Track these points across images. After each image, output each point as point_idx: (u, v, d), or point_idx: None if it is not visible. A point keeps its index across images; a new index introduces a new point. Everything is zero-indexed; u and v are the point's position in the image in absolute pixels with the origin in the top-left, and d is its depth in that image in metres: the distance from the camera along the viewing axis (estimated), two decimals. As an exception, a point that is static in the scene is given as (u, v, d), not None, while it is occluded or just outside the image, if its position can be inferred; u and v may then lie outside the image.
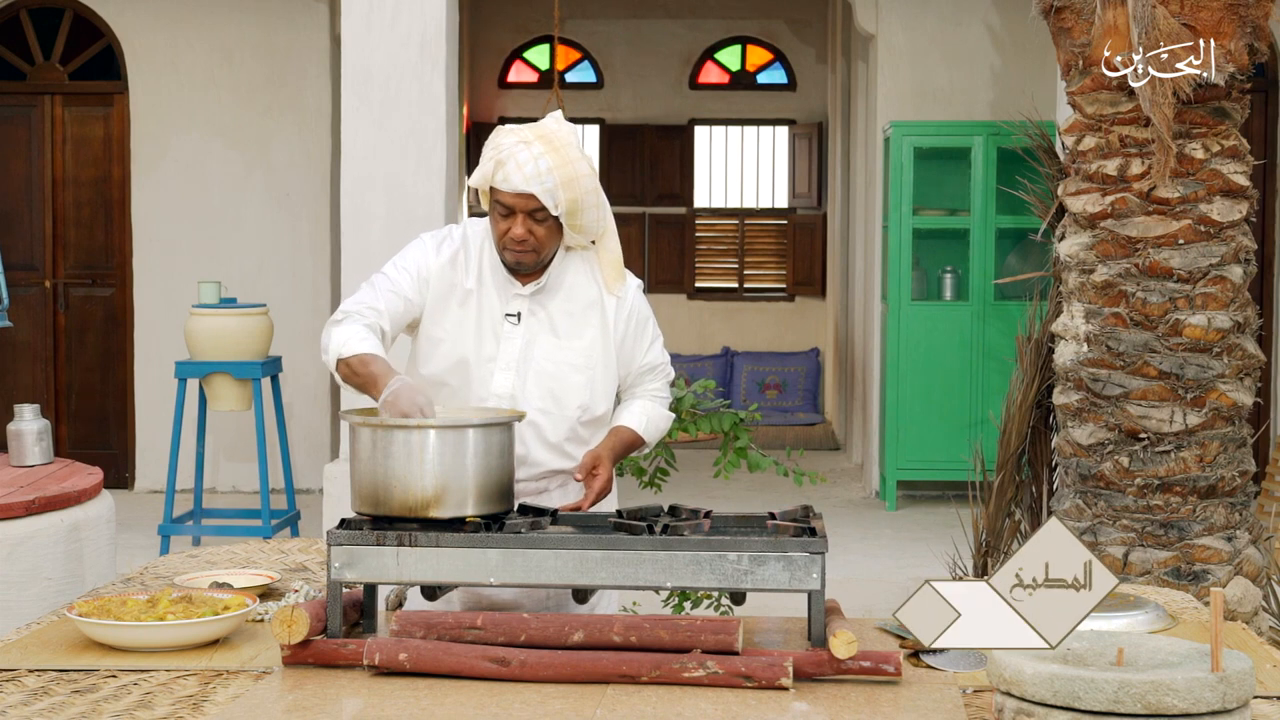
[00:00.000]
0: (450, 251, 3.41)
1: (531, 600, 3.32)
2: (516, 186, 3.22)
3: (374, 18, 6.58)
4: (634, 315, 3.43)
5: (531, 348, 3.37)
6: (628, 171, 13.51)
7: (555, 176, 3.22)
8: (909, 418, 9.08)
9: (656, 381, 3.51)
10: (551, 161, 3.22)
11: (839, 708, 2.50)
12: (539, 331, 3.37)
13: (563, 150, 3.24)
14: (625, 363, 3.44)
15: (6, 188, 9.82)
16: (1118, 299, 5.15)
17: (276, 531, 7.95)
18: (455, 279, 3.40)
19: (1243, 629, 3.02)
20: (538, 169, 3.21)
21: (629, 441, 3.44)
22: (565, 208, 3.25)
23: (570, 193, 3.23)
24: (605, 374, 3.40)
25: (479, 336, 3.37)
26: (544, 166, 3.21)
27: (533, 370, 3.36)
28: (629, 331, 3.43)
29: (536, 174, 3.21)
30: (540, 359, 3.37)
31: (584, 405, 3.37)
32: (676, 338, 13.54)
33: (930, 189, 9.17)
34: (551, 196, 3.23)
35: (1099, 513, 5.18)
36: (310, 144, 9.64)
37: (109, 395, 9.91)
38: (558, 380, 3.36)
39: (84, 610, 2.88)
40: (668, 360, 3.54)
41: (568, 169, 3.23)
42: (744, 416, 5.46)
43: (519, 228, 3.26)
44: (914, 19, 9.40)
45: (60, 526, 4.58)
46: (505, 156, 3.23)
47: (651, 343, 3.48)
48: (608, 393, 3.43)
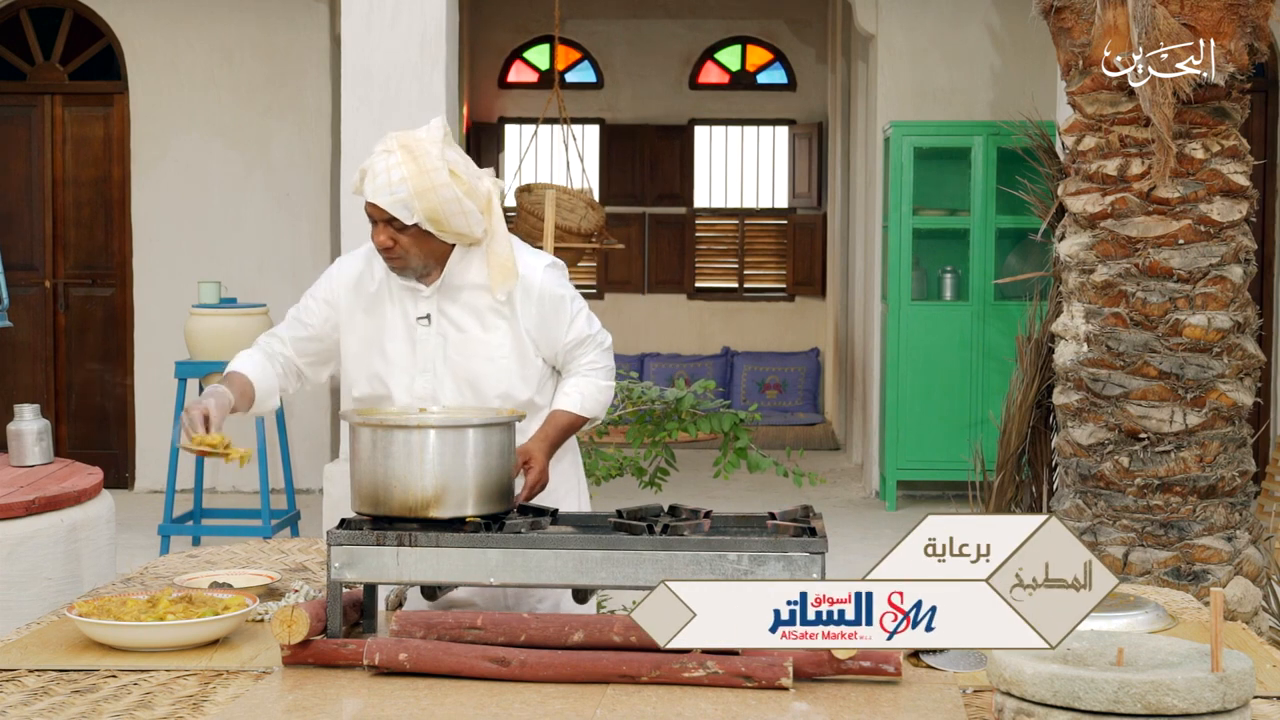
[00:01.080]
0: (356, 266, 3.50)
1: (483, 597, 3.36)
2: (369, 197, 3.28)
3: (374, 18, 6.58)
4: (544, 297, 3.44)
5: (445, 346, 3.42)
6: (627, 171, 13.51)
7: (408, 187, 3.24)
8: (909, 418, 9.08)
9: (590, 354, 3.51)
10: (406, 171, 3.24)
11: (839, 708, 2.50)
12: (450, 329, 3.42)
13: (421, 159, 3.26)
14: (549, 344, 3.46)
15: (6, 188, 9.82)
16: (1118, 299, 5.15)
17: (276, 531, 7.95)
18: (363, 291, 3.47)
19: (1243, 629, 3.02)
20: (389, 180, 3.25)
21: (565, 425, 3.46)
22: (424, 216, 3.27)
23: (426, 202, 3.25)
24: (522, 361, 3.43)
25: (393, 342, 3.44)
26: (397, 177, 3.24)
27: (449, 368, 3.41)
28: (543, 314, 3.44)
29: (388, 185, 3.25)
30: (454, 355, 3.42)
31: (503, 395, 3.40)
32: (676, 338, 13.55)
33: (930, 189, 9.17)
34: (405, 207, 3.26)
35: (1099, 513, 5.18)
36: (310, 144, 9.64)
37: (109, 395, 9.91)
38: (474, 374, 3.41)
39: (84, 610, 2.88)
40: (597, 330, 3.53)
41: (423, 179, 3.25)
42: (744, 416, 5.46)
43: (382, 236, 3.32)
44: (914, 19, 9.40)
45: (60, 526, 4.58)
46: (368, 165, 3.30)
47: (573, 318, 3.47)
48: (528, 379, 3.44)
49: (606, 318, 13.94)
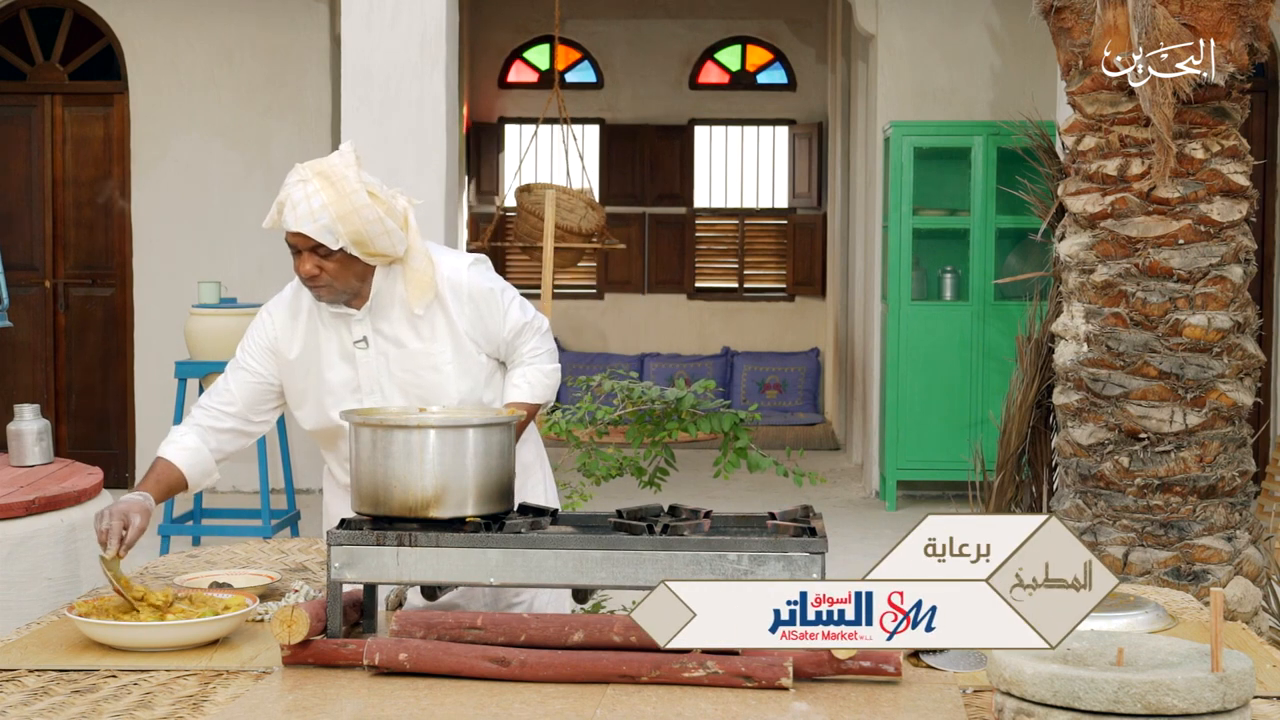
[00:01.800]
0: (285, 306, 3.49)
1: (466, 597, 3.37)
2: (291, 227, 3.27)
3: (374, 18, 6.58)
4: (473, 294, 3.45)
5: (387, 364, 3.43)
6: (627, 171, 13.51)
7: (330, 212, 3.24)
8: (909, 418, 9.08)
9: (530, 341, 3.54)
10: (326, 198, 3.25)
11: (839, 708, 2.50)
12: (389, 347, 3.43)
13: (339, 184, 3.26)
14: (490, 339, 3.48)
15: (6, 188, 9.82)
16: (1118, 299, 5.15)
17: (276, 531, 7.95)
18: (298, 328, 3.46)
19: (1243, 629, 3.02)
20: (310, 208, 3.24)
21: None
22: (349, 240, 3.27)
23: (350, 225, 3.26)
24: (466, 364, 3.45)
25: (335, 371, 3.44)
26: (317, 204, 3.24)
27: (395, 384, 3.43)
28: (477, 310, 3.45)
29: (310, 213, 3.24)
30: (398, 372, 3.43)
31: (460, 398, 3.43)
32: (676, 338, 13.55)
33: (930, 189, 9.17)
34: (330, 233, 3.26)
35: (1099, 513, 5.18)
36: (310, 144, 9.64)
37: (109, 395, 9.91)
38: (420, 384, 3.43)
39: (84, 610, 2.88)
40: (533, 316, 3.55)
41: (344, 203, 3.25)
42: (744, 416, 5.46)
43: (306, 264, 3.31)
44: (914, 19, 9.40)
45: (60, 526, 4.58)
46: (284, 197, 3.29)
47: (507, 309, 3.49)
48: (476, 380, 3.47)
49: (606, 318, 13.95)
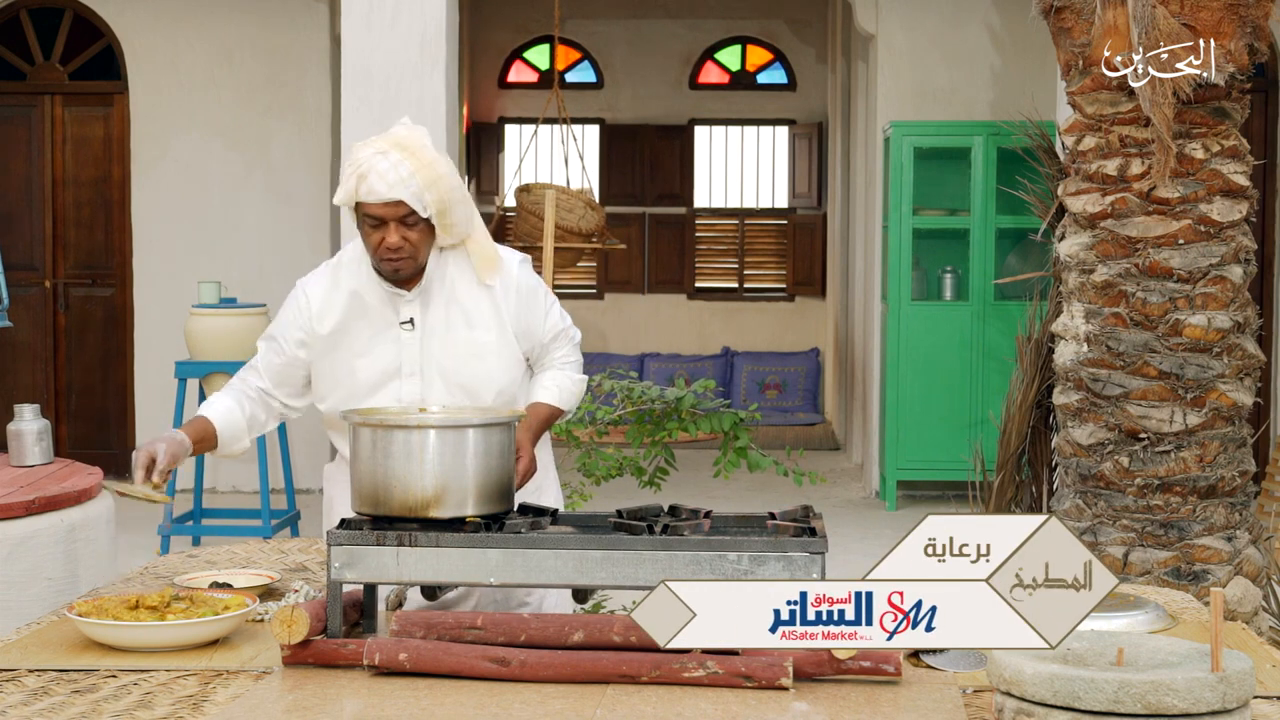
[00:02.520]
0: (324, 285, 3.47)
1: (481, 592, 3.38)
2: (383, 196, 3.25)
3: (374, 18, 6.58)
4: (520, 289, 3.46)
5: (430, 349, 3.42)
6: (628, 171, 13.51)
7: (418, 180, 3.25)
8: (909, 418, 9.08)
9: (563, 348, 3.56)
10: (412, 166, 3.25)
11: (839, 708, 2.50)
12: (433, 332, 3.42)
13: (419, 153, 3.27)
14: (526, 336, 3.49)
15: (6, 188, 9.82)
16: (1118, 299, 5.15)
17: (276, 531, 7.95)
18: (337, 308, 3.44)
19: (1243, 629, 3.02)
20: (400, 175, 3.24)
21: (546, 416, 3.52)
22: (434, 208, 3.28)
23: (435, 193, 3.27)
24: (508, 355, 3.45)
25: (380, 351, 3.42)
26: (405, 172, 3.24)
27: (437, 370, 3.42)
28: (520, 306, 3.46)
29: (400, 180, 3.24)
30: (442, 358, 3.42)
31: (496, 390, 3.43)
32: (676, 338, 13.55)
33: (930, 189, 9.17)
34: (419, 200, 3.26)
35: (1099, 513, 5.18)
36: (310, 144, 9.65)
37: (109, 395, 9.91)
38: (463, 374, 3.41)
39: (84, 610, 2.88)
40: (568, 325, 3.58)
41: (428, 171, 3.26)
42: (744, 416, 5.46)
43: (393, 236, 3.30)
44: (914, 19, 9.40)
45: (60, 526, 4.58)
46: (366, 169, 3.27)
47: (548, 311, 3.52)
48: (515, 375, 3.48)
49: (606, 318, 13.95)
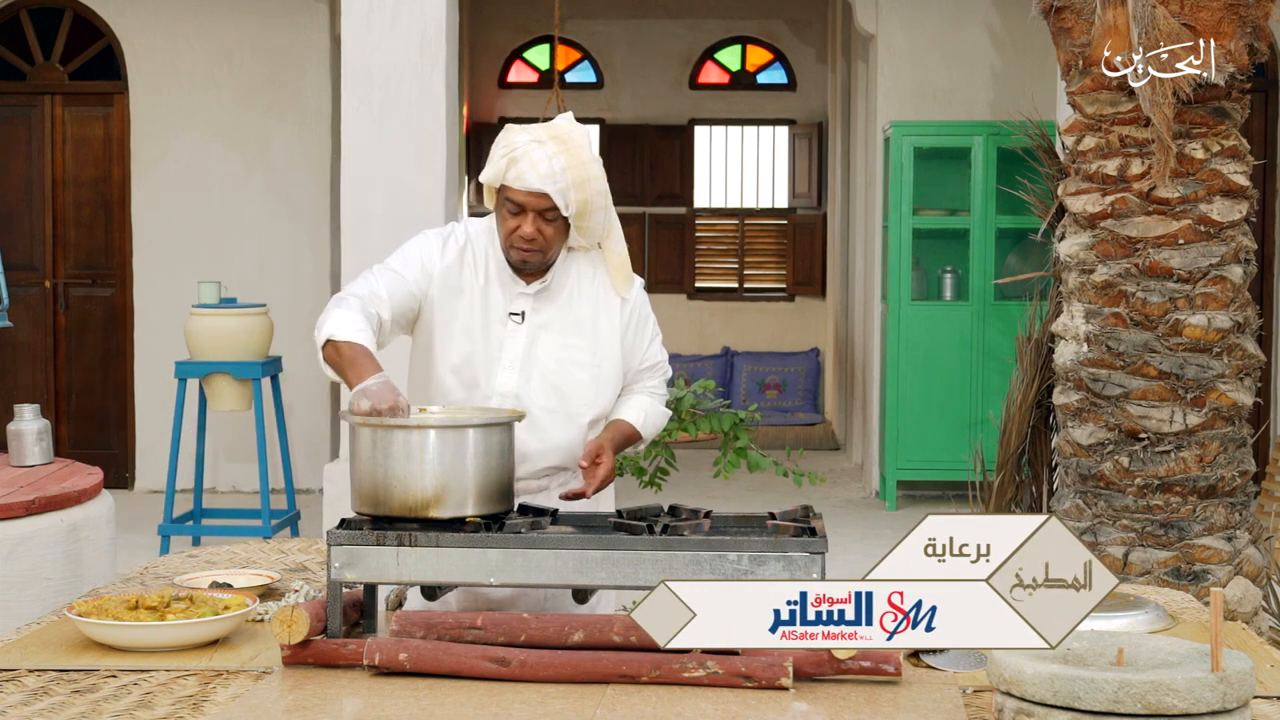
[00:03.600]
0: (456, 248, 3.40)
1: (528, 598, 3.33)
2: (531, 185, 3.22)
3: (374, 18, 6.58)
4: (636, 313, 3.45)
5: (535, 346, 3.37)
6: (628, 171, 13.50)
7: (568, 177, 3.22)
8: (909, 418, 9.08)
9: (655, 379, 3.53)
10: (565, 161, 3.22)
11: (839, 708, 2.50)
12: (542, 330, 3.37)
13: (576, 152, 3.24)
14: (627, 359, 3.46)
15: (6, 188, 9.82)
16: (1118, 299, 5.15)
17: (276, 531, 7.95)
18: (460, 275, 3.39)
19: (1243, 629, 3.02)
20: (551, 168, 3.21)
21: (628, 435, 3.45)
22: (575, 208, 3.25)
23: (581, 194, 3.24)
24: (611, 373, 3.41)
25: (484, 334, 3.37)
26: (558, 166, 3.21)
27: (537, 369, 3.36)
28: (633, 327, 3.44)
29: (550, 173, 3.21)
30: (544, 357, 3.36)
31: (589, 402, 3.38)
32: (676, 338, 13.54)
33: (930, 189, 9.17)
34: (563, 196, 3.23)
35: (1099, 513, 5.18)
36: (310, 144, 9.64)
37: (109, 395, 9.91)
38: (562, 378, 3.37)
39: (84, 610, 2.88)
40: (665, 359, 3.55)
41: (580, 170, 3.23)
42: (744, 416, 5.47)
43: (529, 226, 3.26)
44: (914, 19, 9.40)
45: (60, 526, 4.58)
46: (519, 155, 3.23)
47: (651, 340, 3.50)
48: (613, 392, 3.44)
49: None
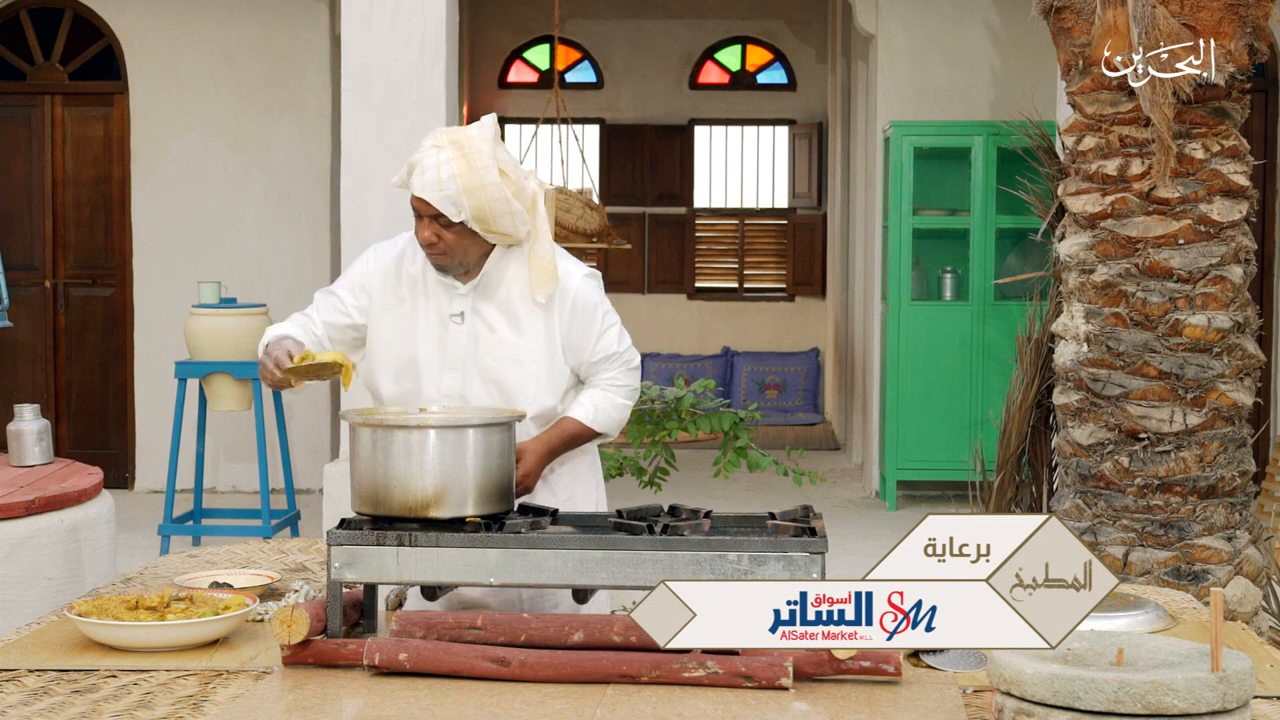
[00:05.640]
0: (392, 257, 3.47)
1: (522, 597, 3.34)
2: (418, 192, 3.27)
3: (374, 18, 6.58)
4: (579, 304, 3.43)
5: (475, 345, 3.40)
6: (628, 171, 13.50)
7: (458, 184, 3.24)
8: (909, 418, 9.08)
9: (612, 370, 3.49)
10: (456, 169, 3.24)
11: (839, 708, 2.50)
12: (482, 329, 3.41)
13: (472, 157, 3.25)
14: (575, 352, 3.45)
15: (6, 188, 9.82)
16: (1118, 299, 5.15)
17: (276, 531, 7.95)
18: (399, 283, 3.45)
19: (1243, 629, 3.02)
20: (439, 176, 3.24)
21: (571, 433, 3.43)
22: (471, 214, 3.27)
23: (475, 200, 3.25)
24: (551, 368, 3.42)
25: (425, 337, 3.42)
26: (446, 174, 3.23)
27: (478, 368, 3.40)
28: (574, 320, 3.43)
29: (437, 181, 3.24)
30: (484, 356, 3.40)
31: (531, 399, 3.40)
32: (676, 338, 13.55)
33: (930, 189, 9.17)
34: (453, 204, 3.25)
35: (1099, 513, 5.18)
36: (310, 144, 9.64)
37: (109, 395, 9.91)
38: (503, 376, 3.40)
39: (84, 610, 2.88)
40: (626, 348, 3.51)
41: (472, 177, 3.24)
42: (744, 416, 5.46)
43: (426, 231, 3.31)
44: (914, 19, 9.40)
45: (60, 526, 4.58)
46: (417, 160, 3.28)
47: (604, 331, 3.46)
48: (555, 387, 3.44)
49: (606, 318, 13.51)
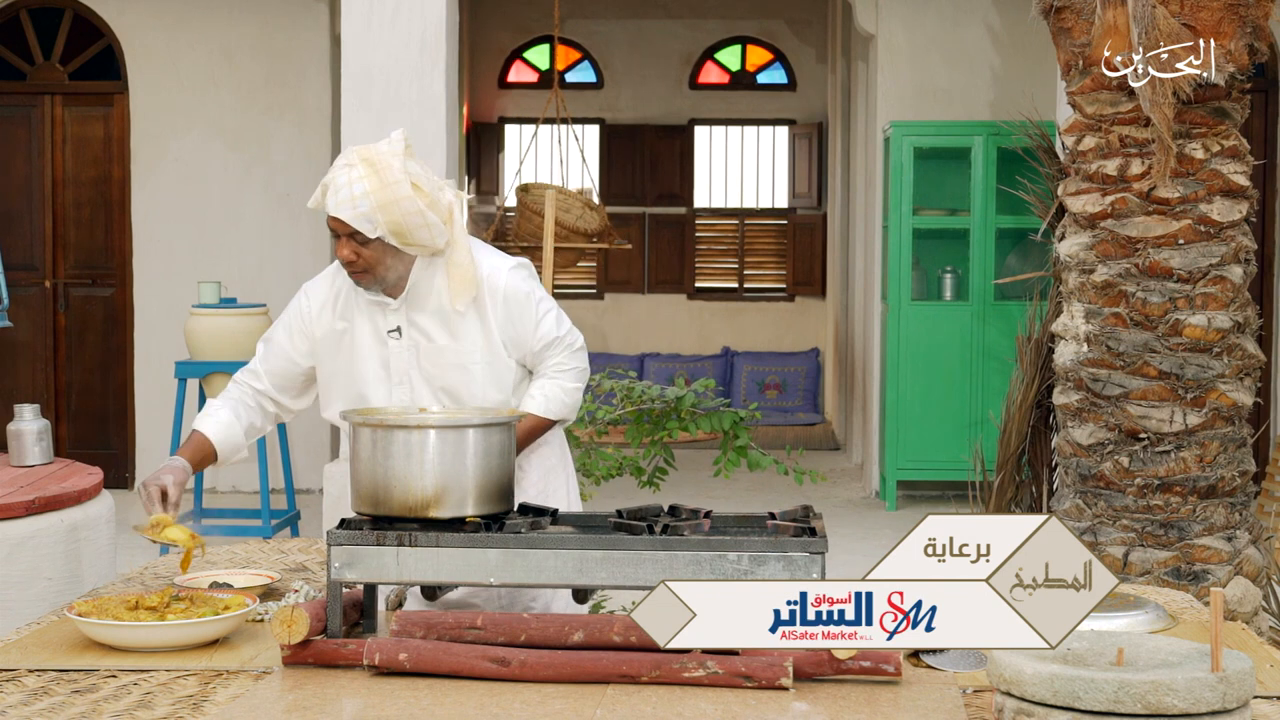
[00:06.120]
0: (325, 291, 3.51)
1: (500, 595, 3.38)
2: (331, 211, 3.28)
3: (374, 18, 6.58)
4: (510, 298, 3.45)
5: (417, 357, 3.44)
6: (628, 171, 13.50)
7: (371, 200, 3.25)
8: (909, 418, 9.08)
9: (558, 355, 3.52)
10: (369, 185, 3.25)
11: (839, 708, 2.50)
12: (420, 340, 3.44)
13: (383, 172, 3.26)
14: (518, 345, 3.48)
15: (6, 188, 9.82)
16: (1118, 299, 5.15)
17: (276, 531, 7.95)
18: (334, 314, 3.48)
19: (1243, 629, 3.02)
20: (352, 194, 3.25)
21: (529, 427, 3.47)
22: (387, 230, 3.28)
23: (390, 215, 3.26)
24: (495, 366, 3.45)
25: (367, 357, 3.45)
26: (359, 191, 3.25)
27: (424, 379, 3.44)
28: (510, 314, 3.45)
29: (350, 199, 3.25)
30: (427, 366, 3.44)
31: (480, 398, 3.43)
32: (676, 338, 13.55)
33: (930, 189, 9.17)
34: (368, 221, 3.27)
35: (1099, 513, 5.18)
36: (310, 144, 9.65)
37: (109, 395, 9.91)
38: (449, 382, 3.44)
39: (84, 610, 2.88)
40: (566, 331, 3.53)
41: (385, 193, 3.25)
42: (744, 415, 5.46)
43: (344, 250, 3.33)
44: (914, 19, 9.40)
45: (60, 526, 4.58)
46: (329, 180, 3.30)
47: (540, 319, 3.48)
48: (503, 383, 3.47)
49: (606, 318, 13.94)
